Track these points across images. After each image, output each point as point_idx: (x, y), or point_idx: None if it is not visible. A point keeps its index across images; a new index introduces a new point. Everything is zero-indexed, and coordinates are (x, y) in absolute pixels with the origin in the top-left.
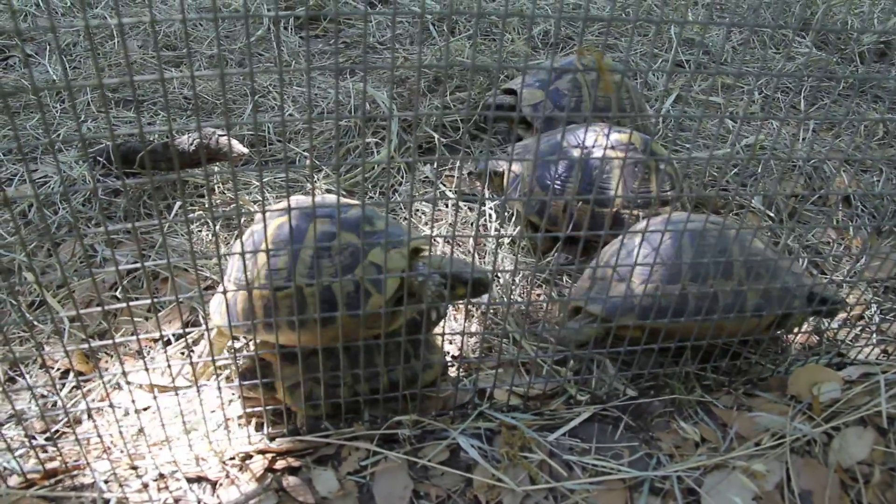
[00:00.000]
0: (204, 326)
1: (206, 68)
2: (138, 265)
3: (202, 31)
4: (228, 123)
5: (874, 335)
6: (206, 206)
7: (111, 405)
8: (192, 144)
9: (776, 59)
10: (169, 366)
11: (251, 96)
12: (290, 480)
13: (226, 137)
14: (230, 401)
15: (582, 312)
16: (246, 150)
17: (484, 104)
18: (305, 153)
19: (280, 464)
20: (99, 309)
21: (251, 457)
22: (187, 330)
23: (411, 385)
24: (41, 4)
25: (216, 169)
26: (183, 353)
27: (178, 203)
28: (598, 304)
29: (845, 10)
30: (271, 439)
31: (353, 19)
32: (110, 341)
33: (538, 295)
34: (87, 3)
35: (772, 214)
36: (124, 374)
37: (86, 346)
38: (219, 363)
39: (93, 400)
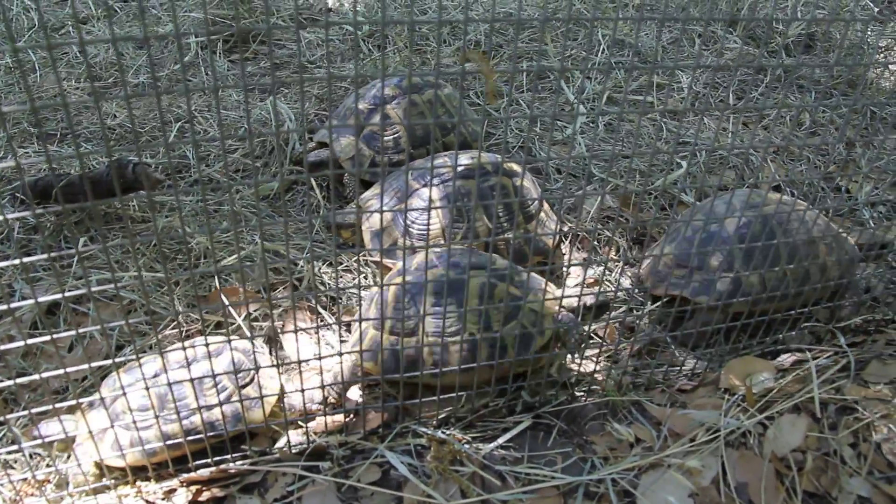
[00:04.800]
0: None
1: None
2: (42, 300)
3: (128, 60)
4: (140, 147)
5: (802, 322)
6: (127, 234)
7: (20, 450)
8: (108, 175)
9: (705, 55)
10: (79, 404)
11: (160, 119)
12: None
13: (141, 166)
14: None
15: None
16: (162, 178)
17: (306, 163)
18: (231, 176)
19: (205, 495)
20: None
21: (175, 490)
22: (93, 364)
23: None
24: None
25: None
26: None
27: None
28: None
29: (771, 5)
30: (195, 469)
31: (283, 40)
32: (10, 382)
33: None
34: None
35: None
36: (31, 417)
37: None
38: None
39: (3, 446)
